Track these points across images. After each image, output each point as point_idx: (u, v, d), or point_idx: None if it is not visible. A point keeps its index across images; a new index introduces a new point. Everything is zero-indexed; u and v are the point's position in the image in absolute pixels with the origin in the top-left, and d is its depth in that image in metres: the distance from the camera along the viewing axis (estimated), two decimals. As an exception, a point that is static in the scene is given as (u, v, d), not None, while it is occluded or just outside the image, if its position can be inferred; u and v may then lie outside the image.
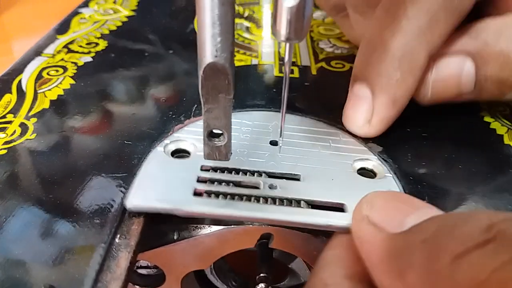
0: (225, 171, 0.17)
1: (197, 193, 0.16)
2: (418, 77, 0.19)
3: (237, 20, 0.32)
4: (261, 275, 0.19)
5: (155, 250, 0.18)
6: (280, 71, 0.25)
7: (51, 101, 0.22)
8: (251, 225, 0.17)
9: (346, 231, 0.15)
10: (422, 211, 0.13)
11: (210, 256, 0.19)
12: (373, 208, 0.14)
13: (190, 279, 0.21)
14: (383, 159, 0.19)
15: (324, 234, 0.17)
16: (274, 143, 0.19)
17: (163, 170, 0.17)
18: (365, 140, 0.20)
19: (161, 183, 0.17)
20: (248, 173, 0.18)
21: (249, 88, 0.24)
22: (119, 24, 0.31)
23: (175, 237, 0.18)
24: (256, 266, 0.20)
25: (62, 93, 0.23)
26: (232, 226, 0.17)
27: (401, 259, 0.12)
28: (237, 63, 0.26)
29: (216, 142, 0.16)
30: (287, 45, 0.15)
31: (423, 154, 0.19)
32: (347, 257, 0.14)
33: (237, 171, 0.18)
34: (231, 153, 0.16)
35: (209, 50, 0.13)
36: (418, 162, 0.19)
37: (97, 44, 0.28)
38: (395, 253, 0.12)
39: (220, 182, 0.17)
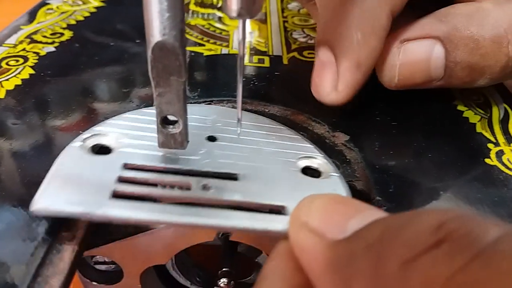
0: (153, 170, 0.15)
1: (116, 195, 0.14)
2: (382, 38, 0.19)
3: (209, 10, 0.31)
4: (224, 269, 0.18)
5: (110, 245, 0.17)
6: (250, 61, 0.25)
7: (7, 91, 0.21)
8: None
9: (285, 236, 0.13)
10: (365, 214, 0.12)
11: (168, 251, 0.18)
12: (312, 213, 0.12)
13: (150, 275, 0.21)
14: (349, 148, 0.18)
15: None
16: (211, 138, 0.17)
17: (79, 168, 0.15)
18: (333, 128, 0.19)
19: (75, 183, 0.14)
20: (179, 173, 0.15)
21: (201, 81, 0.23)
22: (87, 14, 0.30)
23: (131, 231, 0.17)
24: (220, 260, 0.19)
25: (20, 83, 0.22)
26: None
27: (345, 268, 0.11)
28: (206, 52, 0.25)
29: (170, 130, 0.15)
30: (240, 22, 0.14)
31: (391, 142, 0.19)
32: (287, 268, 0.13)
33: (167, 171, 0.15)
34: (188, 141, 0.16)
35: (156, 28, 0.13)
36: (386, 151, 0.18)
37: (62, 34, 0.27)
38: (338, 262, 0.11)
39: (145, 182, 0.15)
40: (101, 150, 0.16)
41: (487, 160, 0.18)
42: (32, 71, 0.23)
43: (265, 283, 0.13)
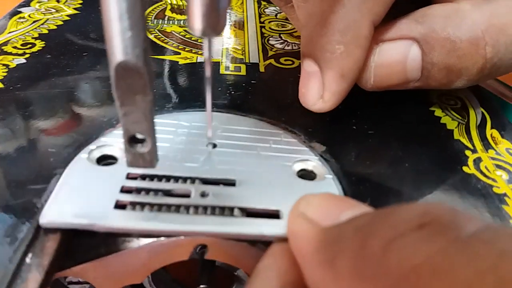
0: (154, 179, 0.16)
1: (119, 205, 0.15)
2: (365, 47, 0.19)
3: (186, 17, 0.31)
4: (201, 287, 0.18)
5: (82, 266, 0.17)
6: (226, 69, 0.24)
7: (-26, 106, 0.20)
8: (183, 237, 0.16)
9: (280, 239, 0.14)
10: (357, 208, 0.12)
11: (142, 271, 0.17)
12: (310, 205, 0.13)
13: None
14: (325, 159, 0.18)
15: (262, 243, 0.16)
16: (214, 145, 0.18)
17: (85, 179, 0.16)
18: (309, 139, 0.19)
19: (81, 195, 0.15)
20: (179, 180, 0.16)
21: (191, 87, 0.22)
22: (60, 23, 0.29)
23: (103, 251, 0.17)
24: (198, 276, 0.19)
25: (-13, 97, 0.21)
26: (162, 238, 0.16)
27: (332, 248, 0.11)
28: (181, 61, 0.25)
29: (138, 149, 0.15)
30: (205, 41, 0.13)
31: (368, 152, 0.19)
32: (281, 266, 0.13)
33: (167, 178, 0.16)
34: (158, 160, 0.15)
35: (118, 47, 0.12)
36: (362, 161, 0.18)
37: (33, 44, 0.26)
38: (326, 243, 0.11)
39: (146, 191, 0.16)
40: (107, 160, 0.17)
41: (464, 168, 0.18)
42: (1, 85, 0.22)
43: (259, 279, 0.13)
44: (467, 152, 0.19)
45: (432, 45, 0.18)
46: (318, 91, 0.19)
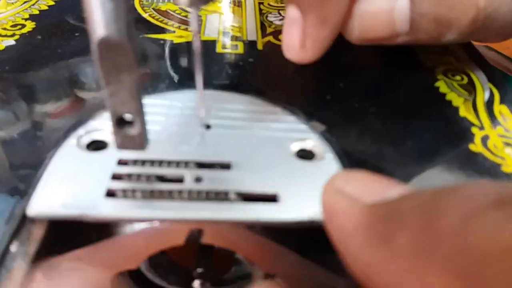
0: (146, 164, 0.15)
1: (110, 193, 0.14)
2: None
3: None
4: (198, 270, 0.18)
5: (75, 252, 0.16)
6: (223, 47, 0.23)
7: (-38, 90, 0.20)
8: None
9: (280, 225, 0.14)
10: (403, 187, 0.11)
11: (137, 256, 0.17)
12: (349, 182, 0.12)
13: (123, 277, 0.20)
14: (325, 138, 0.17)
15: (260, 226, 0.15)
16: (208, 126, 0.17)
17: (74, 167, 0.15)
18: (308, 117, 0.18)
19: (70, 183, 0.15)
20: (172, 164, 0.16)
21: (186, 66, 0.22)
22: (51, 3, 0.28)
23: (95, 237, 0.16)
24: (195, 259, 0.19)
25: (-25, 81, 0.20)
26: (157, 223, 0.15)
27: (388, 223, 0.10)
28: (176, 40, 0.24)
29: (127, 131, 0.14)
30: (193, 12, 0.12)
31: (370, 131, 0.18)
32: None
33: (160, 163, 0.16)
34: (148, 141, 0.14)
35: (99, 21, 0.11)
36: (364, 140, 0.17)
37: (23, 25, 0.25)
38: (380, 219, 0.10)
39: (138, 177, 0.15)
40: (98, 145, 0.16)
41: (471, 146, 0.17)
42: (-11, 67, 0.21)
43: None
44: (474, 130, 0.18)
45: None
46: (300, 38, 0.18)
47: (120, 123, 0.14)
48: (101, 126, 0.17)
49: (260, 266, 0.17)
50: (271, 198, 0.15)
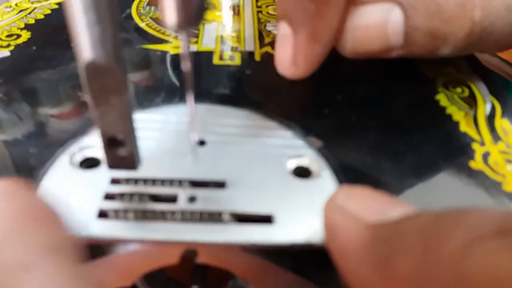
0: (139, 182, 0.15)
1: (102, 214, 0.14)
2: (340, 7, 0.17)
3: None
4: (194, 287, 0.17)
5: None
6: (220, 59, 0.23)
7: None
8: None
9: (275, 247, 0.13)
10: (405, 207, 0.11)
11: (130, 275, 0.16)
12: (350, 199, 0.12)
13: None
14: (322, 154, 0.17)
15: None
16: (202, 142, 0.17)
17: (66, 186, 0.15)
18: (305, 132, 0.18)
19: (63, 203, 0.14)
20: (166, 183, 0.15)
21: (182, 79, 0.21)
22: (48, 12, 0.28)
23: (90, 255, 0.16)
24: (191, 276, 0.18)
25: (-31, 94, 0.20)
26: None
27: (388, 246, 0.10)
28: (173, 51, 0.24)
29: (118, 152, 0.14)
30: (183, 36, 0.12)
31: (368, 146, 0.17)
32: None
33: (153, 181, 0.15)
34: (140, 161, 0.14)
35: (86, 44, 0.11)
36: (361, 156, 0.17)
37: (18, 36, 0.25)
38: (380, 241, 0.10)
39: (131, 197, 0.15)
40: (91, 162, 0.16)
41: (472, 164, 0.17)
42: (-17, 80, 0.21)
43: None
44: (475, 146, 0.18)
45: (415, 8, 0.17)
46: (291, 55, 0.18)
47: (111, 143, 0.13)
48: (94, 143, 0.17)
49: (255, 285, 0.16)
50: (266, 219, 0.14)
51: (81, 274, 0.10)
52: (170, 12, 0.11)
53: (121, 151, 0.13)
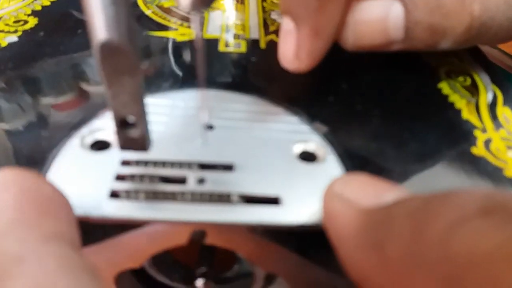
0: (149, 164, 0.16)
1: (114, 194, 0.14)
2: (341, 3, 0.18)
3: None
4: (200, 269, 0.18)
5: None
6: (226, 46, 0.23)
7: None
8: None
9: (282, 228, 0.14)
10: (399, 191, 0.12)
11: (141, 255, 0.17)
12: (347, 186, 0.13)
13: (126, 275, 0.20)
14: (328, 139, 0.17)
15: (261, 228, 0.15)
16: (210, 127, 0.17)
17: (78, 167, 0.15)
18: (311, 118, 0.18)
19: (75, 183, 0.15)
20: (175, 165, 0.16)
21: (189, 65, 0.22)
22: (54, -1, 0.28)
23: (100, 236, 0.16)
24: (198, 258, 0.19)
25: (-21, 78, 0.20)
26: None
27: (380, 230, 0.11)
28: (179, 38, 0.24)
29: (130, 133, 0.14)
30: (196, 16, 0.12)
31: (372, 133, 0.18)
32: None
33: (163, 163, 0.16)
34: (151, 143, 0.15)
35: (100, 25, 0.11)
36: (366, 142, 0.17)
37: (26, 22, 0.25)
38: (373, 225, 0.11)
39: (141, 178, 0.15)
40: (101, 145, 0.16)
41: (474, 150, 0.17)
42: (-8, 65, 0.21)
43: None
44: (477, 132, 0.18)
45: (415, 2, 0.17)
46: (294, 49, 0.18)
47: (122, 125, 0.14)
48: (105, 126, 0.17)
49: (261, 266, 0.17)
50: (273, 201, 0.15)
51: (78, 264, 0.10)
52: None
53: (132, 132, 0.14)
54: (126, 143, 0.14)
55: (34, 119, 0.18)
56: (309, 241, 0.15)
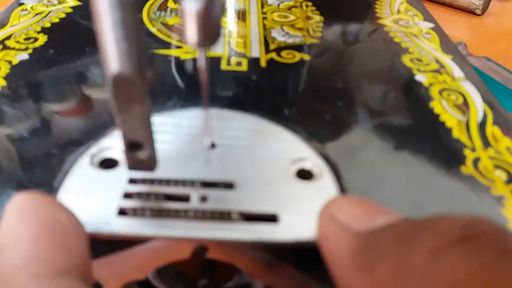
0: (154, 182, 0.16)
1: (122, 212, 0.15)
2: None
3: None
4: (202, 281, 0.19)
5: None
6: (228, 64, 0.24)
7: (-21, 106, 0.21)
8: (184, 237, 0.16)
9: (278, 244, 0.15)
10: (391, 214, 0.13)
11: (145, 268, 0.18)
12: (341, 208, 0.13)
13: (131, 287, 0.21)
14: (324, 157, 0.18)
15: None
16: (212, 145, 0.18)
17: (88, 185, 0.16)
18: (309, 137, 0.19)
19: (85, 201, 0.16)
20: (179, 183, 0.17)
21: (193, 83, 0.22)
22: (63, 15, 0.29)
23: (106, 250, 0.17)
24: (200, 270, 0.20)
25: (-9, 96, 0.21)
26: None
27: (370, 253, 0.11)
28: (183, 56, 0.25)
29: (138, 154, 0.15)
30: (201, 51, 0.13)
31: (367, 152, 0.19)
32: None
33: (168, 182, 0.17)
34: (157, 163, 0.15)
35: (113, 58, 0.12)
36: (360, 161, 0.18)
37: (36, 39, 0.26)
38: (364, 248, 0.12)
39: (147, 196, 0.16)
40: (109, 163, 0.17)
41: (463, 169, 0.18)
42: (4, 83, 0.22)
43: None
44: (466, 151, 0.19)
45: None
46: None
47: (131, 147, 0.15)
48: (113, 144, 0.18)
49: (260, 279, 0.18)
50: (271, 218, 0.16)
51: None
52: (191, 32, 0.12)
53: (140, 154, 0.15)
54: (135, 164, 0.15)
55: (44, 134, 0.19)
56: (306, 256, 0.16)
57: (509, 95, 0.37)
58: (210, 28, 0.12)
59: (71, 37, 0.26)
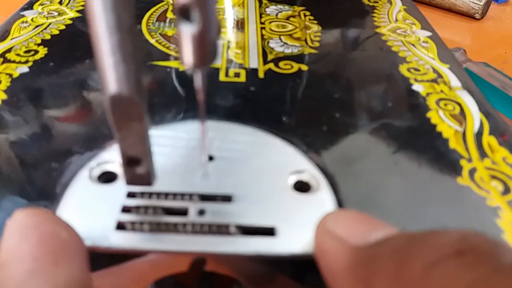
0: (152, 196, 0.17)
1: (120, 226, 0.15)
2: None
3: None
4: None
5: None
6: (226, 75, 0.24)
7: (-21, 120, 0.21)
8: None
9: (276, 258, 0.15)
10: (387, 229, 0.13)
11: (143, 281, 0.18)
12: (338, 223, 0.13)
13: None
14: (322, 169, 0.18)
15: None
16: (210, 158, 0.19)
17: (86, 199, 0.16)
18: (306, 149, 0.19)
19: (84, 215, 0.16)
20: (177, 197, 0.17)
21: (191, 96, 0.23)
22: (63, 27, 0.29)
23: (105, 263, 0.17)
24: (197, 282, 0.20)
25: (-8, 110, 0.21)
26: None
27: (368, 267, 0.11)
28: (182, 67, 0.25)
29: (136, 170, 0.15)
30: (198, 73, 0.14)
31: (365, 164, 0.19)
32: None
33: (166, 195, 0.17)
34: (156, 178, 0.16)
35: (111, 79, 0.13)
36: (358, 172, 0.18)
37: (36, 52, 0.26)
38: (361, 262, 0.12)
39: (146, 210, 0.16)
40: (108, 176, 0.17)
41: (459, 180, 0.18)
42: (5, 96, 0.22)
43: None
44: (463, 162, 0.19)
45: None
46: None
47: (130, 162, 0.15)
48: (111, 158, 0.18)
49: (258, 291, 0.18)
50: (269, 231, 0.16)
51: None
52: (187, 53, 0.12)
53: (138, 169, 0.15)
54: (133, 179, 0.15)
55: (44, 145, 0.19)
56: (303, 267, 0.16)
57: (507, 101, 0.37)
58: (206, 50, 0.12)
59: (71, 49, 0.27)
